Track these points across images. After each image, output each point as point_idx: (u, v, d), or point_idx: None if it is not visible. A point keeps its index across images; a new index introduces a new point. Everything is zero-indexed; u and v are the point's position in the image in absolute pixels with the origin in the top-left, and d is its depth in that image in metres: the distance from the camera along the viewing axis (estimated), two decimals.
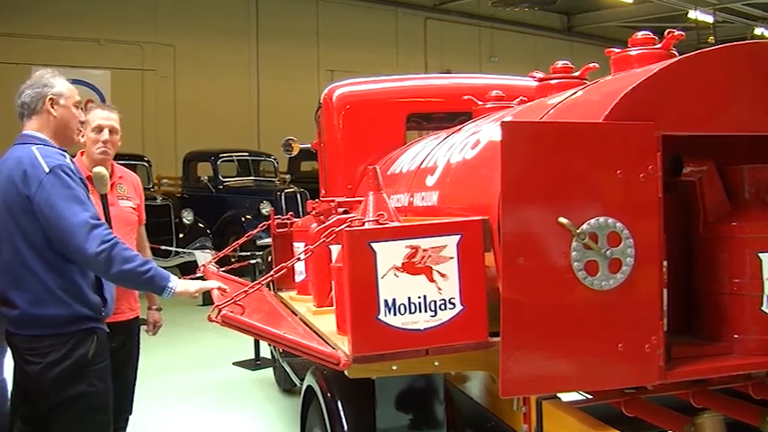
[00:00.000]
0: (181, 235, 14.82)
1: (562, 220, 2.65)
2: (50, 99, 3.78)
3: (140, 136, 19.82)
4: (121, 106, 5.15)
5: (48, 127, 3.84)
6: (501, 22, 26.96)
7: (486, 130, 3.90)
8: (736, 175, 3.22)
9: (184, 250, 13.91)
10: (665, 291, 2.81)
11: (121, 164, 5.35)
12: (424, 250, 3.07)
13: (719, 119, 2.93)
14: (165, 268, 3.82)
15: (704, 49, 2.98)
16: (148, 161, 16.70)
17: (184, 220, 15.03)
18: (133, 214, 5.12)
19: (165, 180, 19.30)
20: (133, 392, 5.09)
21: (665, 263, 2.82)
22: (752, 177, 3.20)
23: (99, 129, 4.79)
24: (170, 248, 13.94)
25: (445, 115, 6.49)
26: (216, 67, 21.38)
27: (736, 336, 3.05)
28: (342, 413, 3.71)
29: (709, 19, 25.32)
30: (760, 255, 3.01)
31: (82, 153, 4.87)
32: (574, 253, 2.67)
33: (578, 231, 2.66)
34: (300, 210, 14.15)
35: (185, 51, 21.03)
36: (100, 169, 4.54)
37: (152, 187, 16.58)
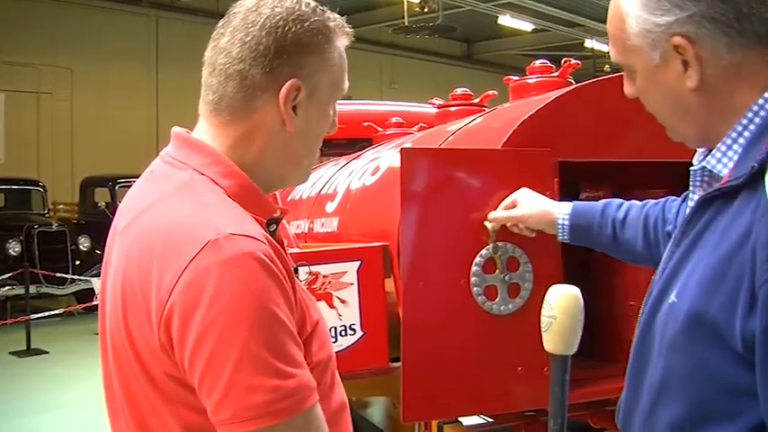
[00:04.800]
0: (77, 262, 14.44)
1: (487, 224, 2.67)
2: None
3: (35, 160, 19.39)
4: (16, 130, 4.94)
5: None
6: (401, 49, 27.17)
7: (386, 157, 3.91)
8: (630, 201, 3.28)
9: (81, 278, 13.60)
10: None
11: (15, 189, 4.70)
12: (324, 276, 3.06)
13: (615, 145, 2.99)
14: (60, 296, 3.47)
15: (600, 78, 3.05)
16: (43, 186, 16.30)
17: (81, 246, 14.69)
18: None
19: (60, 206, 18.84)
20: None
21: None
22: None
23: None
24: (66, 276, 13.64)
25: (345, 141, 6.50)
26: (114, 90, 20.98)
27: None
28: None
29: (605, 48, 25.91)
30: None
31: None
32: (473, 278, 2.69)
33: (495, 242, 2.68)
34: None
35: (83, 75, 20.57)
36: None
37: (47, 213, 16.23)
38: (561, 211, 2.54)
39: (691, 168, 1.72)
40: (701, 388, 1.47)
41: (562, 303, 1.81)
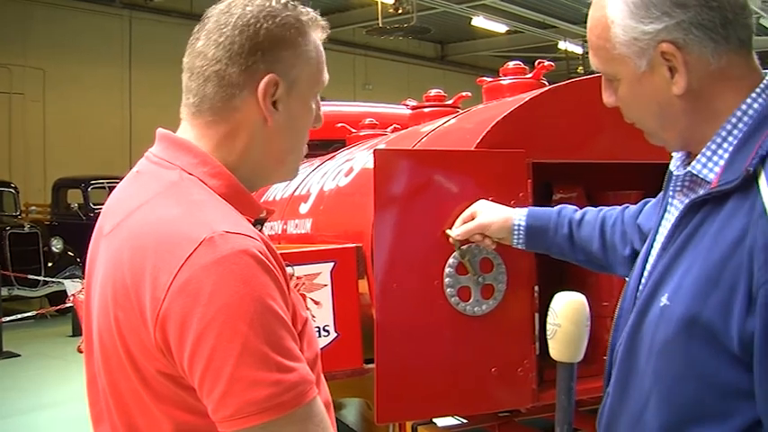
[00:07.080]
0: (50, 264, 14.36)
1: (449, 232, 2.66)
2: None
3: (7, 161, 19.26)
4: None
5: None
6: (375, 50, 27.18)
7: (360, 158, 3.91)
8: (604, 201, 3.29)
9: (53, 279, 13.52)
10: (536, 315, 2.85)
11: None
12: (298, 278, 3.05)
13: (588, 147, 3.00)
14: (32, 298, 3.47)
15: (573, 79, 3.05)
16: (15, 187, 16.19)
17: (53, 248, 14.59)
18: None
19: (33, 207, 18.65)
20: None
21: (536, 288, 2.86)
22: (619, 203, 3.27)
23: None
24: (38, 278, 13.54)
25: (318, 142, 6.48)
26: (87, 91, 20.85)
27: (605, 357, 3.11)
28: None
29: (579, 50, 26.04)
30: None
31: None
32: (447, 279, 2.69)
33: (460, 248, 2.68)
34: None
35: (56, 75, 20.41)
36: None
37: (19, 215, 16.11)
38: (518, 214, 2.55)
39: (674, 174, 1.72)
40: (693, 390, 1.48)
41: (567, 311, 1.81)
